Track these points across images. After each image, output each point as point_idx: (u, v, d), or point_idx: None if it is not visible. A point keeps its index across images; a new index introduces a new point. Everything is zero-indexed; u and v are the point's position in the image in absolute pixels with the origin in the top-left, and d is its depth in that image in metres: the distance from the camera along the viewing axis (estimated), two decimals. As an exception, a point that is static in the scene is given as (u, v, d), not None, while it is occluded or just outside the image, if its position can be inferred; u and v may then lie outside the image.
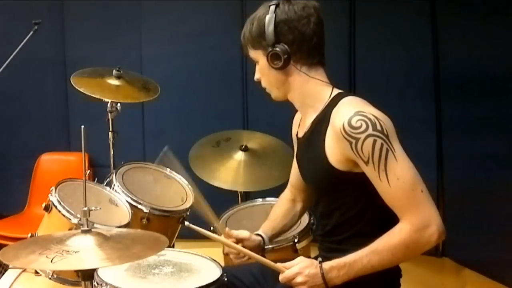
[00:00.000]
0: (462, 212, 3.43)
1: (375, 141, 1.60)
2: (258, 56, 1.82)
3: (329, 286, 1.68)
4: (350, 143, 1.62)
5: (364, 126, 1.61)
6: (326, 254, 1.81)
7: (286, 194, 2.15)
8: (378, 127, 1.61)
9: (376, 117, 1.62)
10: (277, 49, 1.74)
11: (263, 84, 1.87)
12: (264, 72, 1.83)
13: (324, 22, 1.78)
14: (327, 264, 1.68)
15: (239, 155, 3.03)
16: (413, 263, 1.78)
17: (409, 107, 3.61)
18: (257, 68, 1.86)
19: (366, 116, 1.62)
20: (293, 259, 1.76)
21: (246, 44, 1.84)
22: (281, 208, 2.13)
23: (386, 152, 1.60)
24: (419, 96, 3.66)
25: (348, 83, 3.72)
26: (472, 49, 3.37)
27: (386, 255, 1.64)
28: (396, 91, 3.67)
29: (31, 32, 3.16)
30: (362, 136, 1.61)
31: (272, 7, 1.74)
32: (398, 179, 1.60)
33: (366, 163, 1.62)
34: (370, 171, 1.63)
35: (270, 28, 1.73)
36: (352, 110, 1.64)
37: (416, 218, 1.61)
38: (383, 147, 1.60)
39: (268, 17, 1.74)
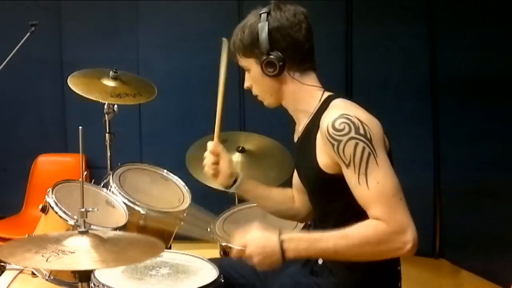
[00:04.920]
0: (458, 213, 3.43)
1: (356, 144, 1.59)
2: (250, 64, 1.81)
3: (284, 257, 1.62)
4: (333, 145, 1.61)
5: (347, 129, 1.60)
6: None
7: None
8: (361, 131, 1.60)
9: (360, 121, 1.61)
10: (272, 57, 1.73)
11: (255, 92, 1.86)
12: (257, 80, 1.82)
13: (320, 25, 1.79)
14: (286, 235, 1.64)
15: (236, 157, 3.02)
16: (410, 264, 1.78)
17: (406, 109, 3.62)
18: (248, 76, 1.85)
19: (349, 119, 1.61)
20: None
21: (236, 53, 1.83)
22: (279, 189, 2.10)
23: (367, 156, 1.59)
24: (416, 98, 3.67)
25: (345, 86, 3.73)
26: (469, 51, 3.38)
27: (355, 243, 1.59)
28: (393, 93, 3.67)
29: (28, 34, 3.15)
30: (344, 138, 1.60)
31: (264, 15, 1.73)
32: (378, 183, 1.58)
33: (347, 165, 1.61)
34: (350, 174, 1.61)
35: (263, 36, 1.72)
36: (338, 113, 1.63)
37: (393, 221, 1.56)
38: (364, 151, 1.59)
39: (261, 25, 1.73)
